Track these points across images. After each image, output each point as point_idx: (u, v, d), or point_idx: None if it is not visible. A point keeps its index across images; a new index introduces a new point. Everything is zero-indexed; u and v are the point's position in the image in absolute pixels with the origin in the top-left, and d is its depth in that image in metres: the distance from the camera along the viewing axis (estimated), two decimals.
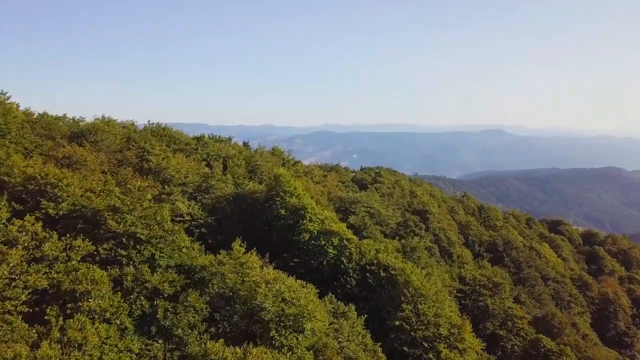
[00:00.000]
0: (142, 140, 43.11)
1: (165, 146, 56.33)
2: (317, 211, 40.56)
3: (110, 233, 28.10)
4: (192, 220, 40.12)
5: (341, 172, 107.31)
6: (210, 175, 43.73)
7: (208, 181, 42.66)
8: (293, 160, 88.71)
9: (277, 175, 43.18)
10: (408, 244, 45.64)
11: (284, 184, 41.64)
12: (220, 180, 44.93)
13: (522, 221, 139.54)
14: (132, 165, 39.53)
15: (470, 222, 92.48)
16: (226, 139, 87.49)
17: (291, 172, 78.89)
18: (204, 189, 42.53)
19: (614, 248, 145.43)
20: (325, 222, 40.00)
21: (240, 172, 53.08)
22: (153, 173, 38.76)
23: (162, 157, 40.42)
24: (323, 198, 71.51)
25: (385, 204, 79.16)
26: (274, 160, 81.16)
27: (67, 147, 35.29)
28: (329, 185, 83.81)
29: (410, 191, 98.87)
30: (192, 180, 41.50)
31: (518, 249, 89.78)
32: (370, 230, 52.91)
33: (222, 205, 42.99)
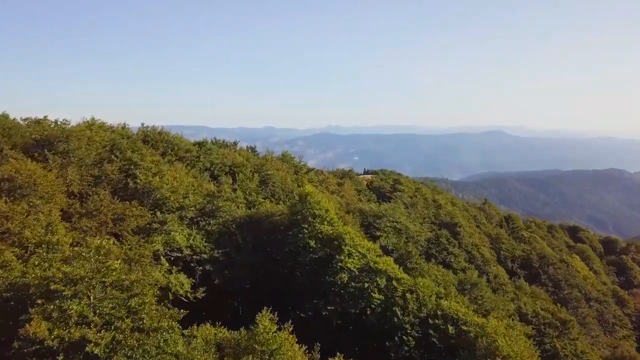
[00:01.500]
0: (128, 150, 32.97)
1: (160, 155, 46.19)
2: (357, 242, 30.59)
3: None
4: (193, 254, 30.05)
5: (355, 178, 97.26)
6: (217, 193, 33.61)
7: (213, 202, 32.61)
8: (305, 167, 78.61)
9: (303, 194, 33.09)
10: (467, 279, 35.75)
11: (313, 205, 31.68)
12: (229, 199, 34.84)
13: (543, 229, 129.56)
14: (112, 184, 29.52)
15: (501, 234, 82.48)
16: (231, 143, 77.34)
17: (305, 181, 69.35)
18: (208, 212, 32.46)
19: (638, 256, 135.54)
20: (367, 257, 30.08)
21: (252, 187, 42.88)
22: (140, 194, 28.79)
23: (153, 172, 30.27)
24: (343, 212, 61.57)
25: (412, 217, 69.19)
26: (285, 168, 71.10)
27: (13, 161, 25.24)
28: (347, 195, 73.74)
29: (434, 200, 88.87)
30: (193, 201, 31.41)
31: (555, 264, 79.74)
32: (415, 260, 42.65)
33: (231, 231, 32.95)
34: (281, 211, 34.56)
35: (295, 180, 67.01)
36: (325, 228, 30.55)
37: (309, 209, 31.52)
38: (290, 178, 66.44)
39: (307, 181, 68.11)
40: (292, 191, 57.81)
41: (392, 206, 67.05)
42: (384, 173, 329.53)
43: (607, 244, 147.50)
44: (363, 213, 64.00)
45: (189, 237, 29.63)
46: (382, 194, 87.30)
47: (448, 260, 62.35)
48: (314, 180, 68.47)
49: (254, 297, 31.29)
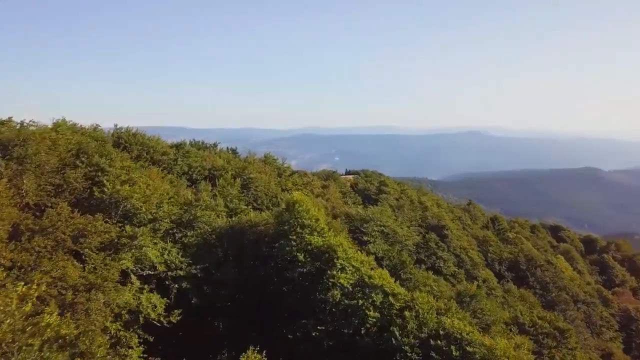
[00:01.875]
0: (96, 154, 29.49)
1: (134, 159, 42.77)
2: (350, 255, 27.79)
3: None
4: (168, 270, 26.86)
5: (339, 180, 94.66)
6: (195, 202, 30.35)
7: (191, 211, 29.40)
8: (289, 169, 75.62)
9: (290, 202, 30.09)
10: (466, 292, 33.26)
11: (302, 214, 28.75)
12: (209, 207, 31.66)
13: (527, 229, 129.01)
14: (75, 194, 26.07)
15: (488, 236, 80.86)
16: (211, 145, 73.92)
17: (289, 184, 66.42)
18: (185, 222, 29.27)
19: (618, 255, 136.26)
20: (361, 270, 27.33)
21: (233, 193, 39.67)
22: (107, 205, 25.43)
23: (121, 180, 26.87)
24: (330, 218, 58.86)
25: (399, 221, 66.85)
26: (268, 171, 68.06)
27: None
28: (332, 199, 71.06)
29: (420, 202, 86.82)
30: (167, 211, 28.10)
31: (542, 266, 78.46)
32: (410, 269, 40.01)
33: (211, 244, 29.83)
34: (266, 220, 31.53)
35: (278, 183, 64.05)
36: (316, 239, 27.68)
37: (297, 219, 28.63)
38: (274, 181, 63.44)
39: (291, 184, 65.20)
40: (275, 195, 54.87)
41: (379, 209, 64.60)
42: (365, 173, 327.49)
43: (588, 243, 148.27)
44: (349, 217, 61.46)
45: (163, 252, 26.42)
46: (367, 196, 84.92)
47: (437, 265, 60.22)
48: (298, 183, 65.59)
49: (237, 317, 28.35)
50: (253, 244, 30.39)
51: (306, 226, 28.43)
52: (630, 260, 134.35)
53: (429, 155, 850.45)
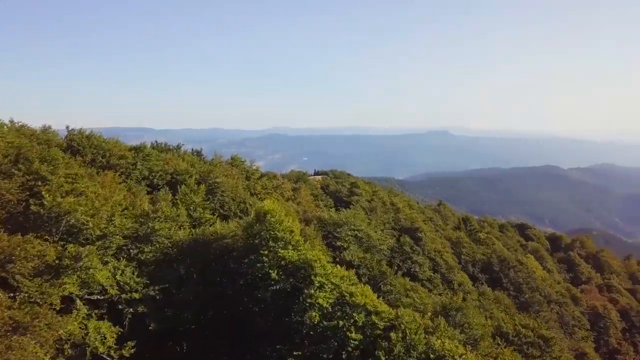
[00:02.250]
0: (36, 159, 25.48)
1: (87, 165, 38.81)
2: (329, 270, 24.88)
3: None
4: (121, 293, 23.35)
5: (309, 182, 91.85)
6: (153, 213, 26.72)
7: (148, 224, 25.83)
8: (258, 172, 72.21)
9: (261, 211, 26.91)
10: (452, 304, 30.81)
11: (274, 226, 25.64)
12: (169, 218, 28.17)
13: (496, 228, 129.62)
14: (7, 208, 22.11)
15: (461, 238, 79.70)
16: (174, 147, 69.69)
17: (258, 188, 63.07)
18: (142, 237, 25.68)
19: (582, 252, 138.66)
20: (341, 287, 24.50)
21: (197, 201, 36.11)
22: (46, 221, 21.60)
23: (65, 190, 23.04)
24: (304, 224, 55.96)
25: (372, 224, 64.55)
26: (236, 174, 64.56)
27: None
28: (303, 202, 68.20)
29: (392, 204, 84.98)
30: (120, 225, 24.40)
31: (515, 267, 77.93)
32: (390, 280, 37.38)
33: (172, 260, 26.44)
34: (234, 232, 28.30)
35: (247, 187, 60.68)
36: (290, 254, 24.66)
37: (269, 231, 25.56)
38: (242, 185, 60.05)
39: (260, 187, 61.85)
40: (244, 201, 51.60)
41: (352, 213, 62.16)
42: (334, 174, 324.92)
43: (553, 241, 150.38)
44: (322, 221, 58.75)
45: (115, 272, 22.91)
46: (339, 199, 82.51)
47: (413, 270, 58.25)
48: (268, 186, 62.34)
49: (202, 343, 25.13)
50: (219, 259, 27.15)
51: (279, 239, 25.40)
52: (594, 257, 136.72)
53: (396, 155, 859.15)
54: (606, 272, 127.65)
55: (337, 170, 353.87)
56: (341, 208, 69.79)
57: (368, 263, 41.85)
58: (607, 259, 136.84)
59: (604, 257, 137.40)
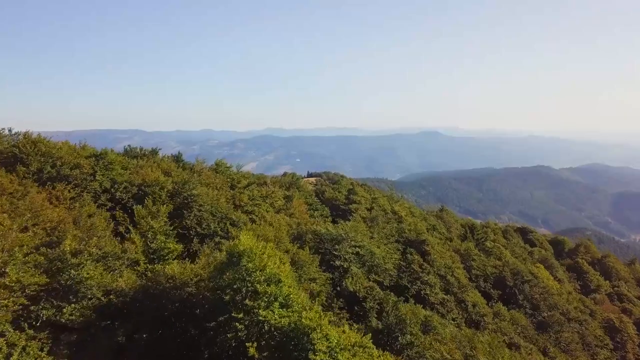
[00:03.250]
0: None
1: (31, 175, 30.32)
2: (333, 341, 16.56)
3: None
4: None
5: (303, 188, 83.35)
6: (76, 253, 18.07)
7: (69, 271, 17.21)
8: (245, 179, 63.56)
9: (234, 252, 18.52)
10: (476, 339, 22.68)
11: (255, 277, 17.21)
12: (109, 255, 19.77)
13: (499, 233, 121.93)
14: None
15: (470, 249, 71.69)
16: (149, 152, 61.06)
17: (244, 199, 54.53)
18: (61, 290, 17.16)
19: (587, 257, 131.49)
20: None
21: (156, 227, 27.38)
22: None
23: None
24: (297, 240, 47.69)
25: (375, 238, 56.32)
26: (219, 182, 56.00)
27: None
28: (297, 213, 59.77)
29: (393, 211, 76.80)
30: (19, 277, 15.86)
31: (530, 282, 70.08)
32: (409, 327, 28.86)
33: (108, 319, 18.09)
34: (199, 274, 19.93)
35: (231, 197, 52.15)
36: (276, 318, 16.48)
37: (247, 282, 17.24)
38: (226, 196, 51.50)
39: (247, 198, 53.17)
40: (227, 216, 43.13)
41: (352, 225, 53.86)
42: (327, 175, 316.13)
43: (555, 245, 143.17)
44: (318, 236, 50.53)
45: (9, 355, 14.52)
46: (335, 207, 74.24)
47: (424, 292, 50.03)
48: (256, 196, 53.73)
49: None
50: (178, 316, 18.76)
51: (260, 295, 17.12)
52: (600, 263, 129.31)
53: (388, 156, 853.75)
54: (614, 279, 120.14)
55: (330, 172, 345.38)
56: (339, 220, 61.62)
57: (377, 295, 33.61)
58: (613, 264, 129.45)
59: (610, 262, 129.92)
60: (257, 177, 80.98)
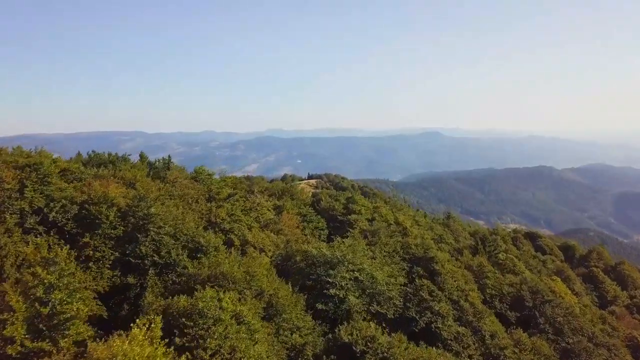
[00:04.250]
0: None
1: None
2: None
3: None
4: None
5: (297, 195, 74.81)
6: None
7: None
8: (229, 187, 55.04)
9: None
10: None
11: None
12: None
13: (508, 241, 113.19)
14: None
15: (483, 265, 63.16)
16: (120, 158, 52.81)
17: (222, 214, 46.05)
18: None
19: (601, 264, 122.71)
20: None
21: (52, 280, 18.43)
22: None
23: None
24: (284, 290, 39.39)
25: (377, 258, 47.78)
26: (196, 193, 47.63)
27: None
28: (287, 228, 51.28)
29: (396, 222, 68.27)
30: None
31: (551, 302, 61.49)
32: None
33: None
34: None
35: (208, 212, 43.70)
36: None
37: None
38: (200, 211, 43.11)
39: (225, 214, 44.66)
40: (194, 238, 34.72)
41: (349, 245, 45.43)
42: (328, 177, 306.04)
43: (565, 250, 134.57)
44: (310, 258, 42.27)
45: None
46: (333, 218, 65.74)
47: (434, 326, 41.54)
48: (236, 212, 45.15)
49: None
50: None
51: None
52: (614, 270, 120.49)
53: (389, 156, 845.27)
54: (630, 288, 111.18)
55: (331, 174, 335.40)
56: (336, 234, 53.24)
57: (380, 349, 25.20)
58: (629, 272, 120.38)
59: (625, 270, 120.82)
60: (247, 183, 72.54)
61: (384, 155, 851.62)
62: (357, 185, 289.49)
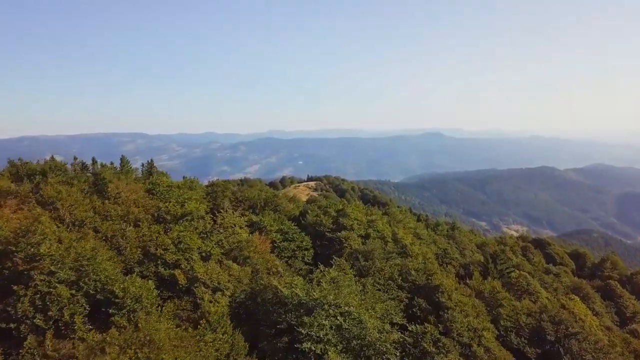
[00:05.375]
0: None
1: None
2: None
3: None
4: None
5: (283, 206, 64.50)
6: None
7: None
8: (190, 203, 44.71)
9: None
10: None
11: None
12: None
13: (518, 253, 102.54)
14: None
15: (497, 290, 52.83)
16: (49, 165, 42.79)
17: (169, 240, 35.82)
18: None
19: (615, 274, 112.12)
20: None
21: None
22: None
23: None
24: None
25: (369, 293, 37.56)
26: (140, 211, 37.50)
27: None
28: (256, 255, 40.91)
29: (394, 238, 57.94)
30: None
31: (578, 335, 51.19)
32: None
33: None
34: None
35: (147, 242, 33.37)
36: None
37: None
38: (141, 238, 32.86)
39: (171, 242, 34.51)
40: (103, 287, 24.45)
41: (334, 277, 35.22)
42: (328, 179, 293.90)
43: (576, 258, 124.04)
44: (279, 301, 32.25)
45: None
46: (319, 235, 55.44)
47: None
48: (185, 237, 34.76)
49: None
50: None
51: None
52: (630, 282, 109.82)
53: (390, 157, 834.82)
54: None
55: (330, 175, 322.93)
56: (319, 263, 42.94)
57: None
58: None
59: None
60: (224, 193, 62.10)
61: (386, 156, 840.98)
62: (357, 188, 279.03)
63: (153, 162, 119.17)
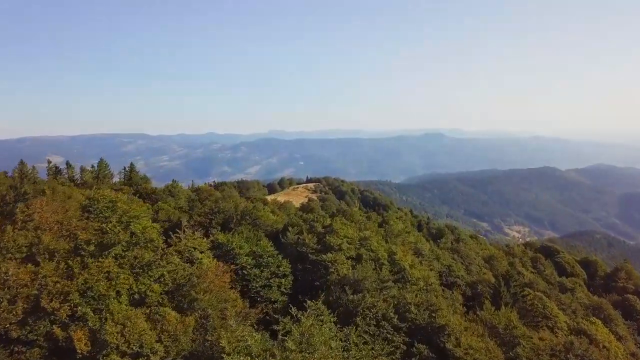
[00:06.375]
0: None
1: None
2: None
3: None
4: None
5: (262, 219, 55.12)
6: None
7: None
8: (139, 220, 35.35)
9: None
10: None
11: None
12: None
13: (528, 265, 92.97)
14: None
15: (513, 325, 43.41)
16: None
17: (73, 289, 26.41)
18: None
19: (630, 285, 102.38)
20: None
21: None
22: None
23: None
24: None
25: (354, 350, 28.27)
26: (55, 242, 28.12)
27: None
28: (206, 296, 31.41)
29: (391, 260, 48.47)
30: None
31: None
32: None
33: None
34: None
35: (44, 286, 24.00)
36: None
37: None
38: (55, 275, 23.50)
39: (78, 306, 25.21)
40: None
41: (304, 330, 25.80)
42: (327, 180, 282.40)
43: (586, 267, 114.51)
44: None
45: None
46: (301, 257, 46.00)
47: None
48: (97, 284, 25.30)
49: None
50: None
51: None
52: None
53: (392, 158, 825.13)
54: None
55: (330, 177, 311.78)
56: (299, 297, 33.62)
57: None
58: None
59: None
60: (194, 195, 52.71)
61: (387, 157, 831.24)
62: (357, 189, 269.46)
63: (133, 166, 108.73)
